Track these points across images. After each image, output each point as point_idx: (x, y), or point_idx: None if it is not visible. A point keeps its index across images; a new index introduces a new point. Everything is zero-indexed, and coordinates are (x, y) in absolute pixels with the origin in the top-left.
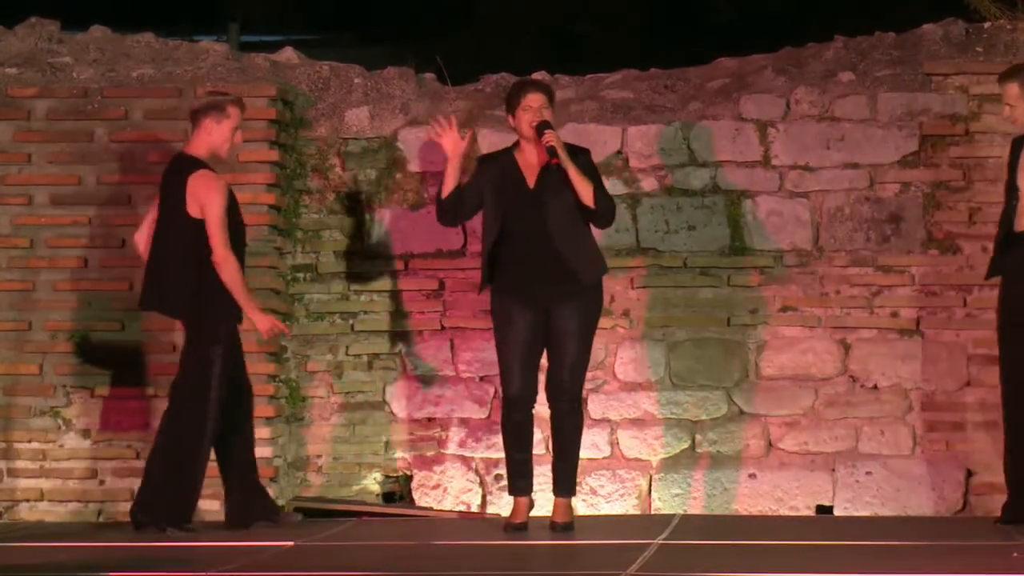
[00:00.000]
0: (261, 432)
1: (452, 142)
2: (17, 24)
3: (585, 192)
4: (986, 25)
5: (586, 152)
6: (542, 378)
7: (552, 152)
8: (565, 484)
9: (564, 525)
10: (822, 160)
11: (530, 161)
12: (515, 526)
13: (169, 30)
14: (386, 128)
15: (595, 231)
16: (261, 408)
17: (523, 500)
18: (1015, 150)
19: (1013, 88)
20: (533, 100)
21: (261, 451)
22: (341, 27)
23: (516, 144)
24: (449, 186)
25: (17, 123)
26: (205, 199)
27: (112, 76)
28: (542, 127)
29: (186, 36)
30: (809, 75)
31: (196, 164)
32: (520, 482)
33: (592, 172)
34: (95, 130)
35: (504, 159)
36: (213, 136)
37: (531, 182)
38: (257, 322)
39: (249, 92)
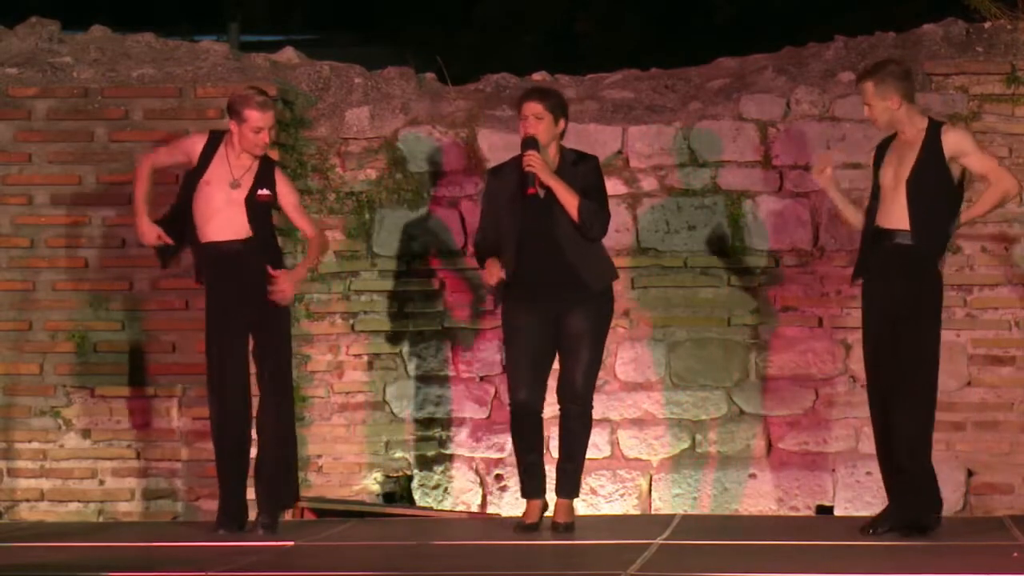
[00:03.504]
0: None
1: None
2: (17, 24)
3: (569, 206)
4: (986, 25)
5: (592, 160)
6: (551, 384)
7: (531, 180)
8: (569, 485)
9: (565, 525)
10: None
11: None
12: (525, 526)
13: (169, 30)
14: (386, 128)
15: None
16: None
17: (536, 502)
18: (879, 153)
19: (869, 87)
20: (527, 109)
21: None
22: (341, 27)
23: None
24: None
25: (17, 123)
26: None
27: (112, 76)
28: (526, 145)
29: (186, 36)
30: (809, 75)
31: None
32: (531, 484)
33: (594, 180)
34: (95, 130)
35: (514, 169)
36: (237, 135)
37: (541, 190)
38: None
39: None
